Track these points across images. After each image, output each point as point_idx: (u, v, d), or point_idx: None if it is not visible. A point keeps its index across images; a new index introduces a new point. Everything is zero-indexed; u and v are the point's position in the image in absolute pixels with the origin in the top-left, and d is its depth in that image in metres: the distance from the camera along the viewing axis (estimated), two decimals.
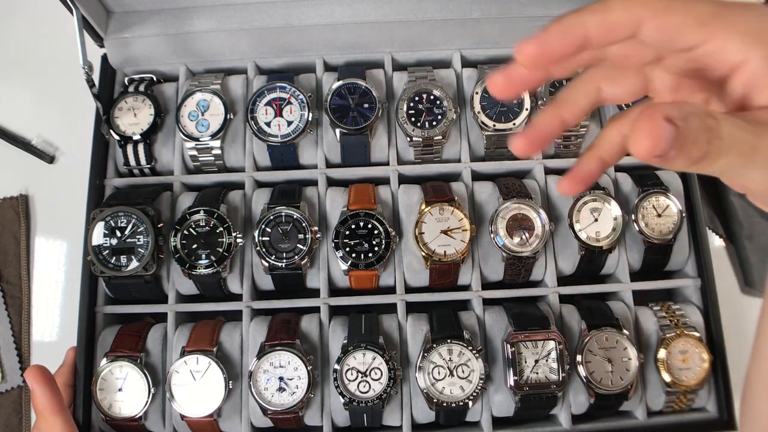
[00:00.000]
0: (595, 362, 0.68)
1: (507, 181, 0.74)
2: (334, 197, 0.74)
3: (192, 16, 0.78)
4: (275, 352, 0.66)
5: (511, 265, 0.71)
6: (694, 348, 0.69)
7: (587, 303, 0.73)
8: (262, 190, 0.75)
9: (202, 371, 0.67)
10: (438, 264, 0.70)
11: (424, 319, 0.71)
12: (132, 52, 0.79)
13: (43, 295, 0.82)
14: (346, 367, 0.66)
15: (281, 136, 0.74)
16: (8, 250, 0.82)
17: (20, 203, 0.83)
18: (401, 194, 0.74)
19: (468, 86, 0.78)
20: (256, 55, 0.79)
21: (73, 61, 0.69)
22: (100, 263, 0.68)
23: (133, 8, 0.78)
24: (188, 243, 0.69)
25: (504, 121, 0.75)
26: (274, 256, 0.69)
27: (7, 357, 0.79)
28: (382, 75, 0.79)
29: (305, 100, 0.74)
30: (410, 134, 0.74)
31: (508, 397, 0.69)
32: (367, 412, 0.66)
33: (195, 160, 0.76)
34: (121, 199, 0.71)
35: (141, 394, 0.67)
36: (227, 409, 0.68)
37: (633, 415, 0.72)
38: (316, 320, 0.71)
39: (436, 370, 0.67)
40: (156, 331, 0.71)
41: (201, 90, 0.76)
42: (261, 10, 0.78)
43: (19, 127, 0.87)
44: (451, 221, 0.71)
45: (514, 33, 0.79)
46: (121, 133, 0.75)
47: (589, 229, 0.72)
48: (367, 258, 0.69)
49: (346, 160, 0.77)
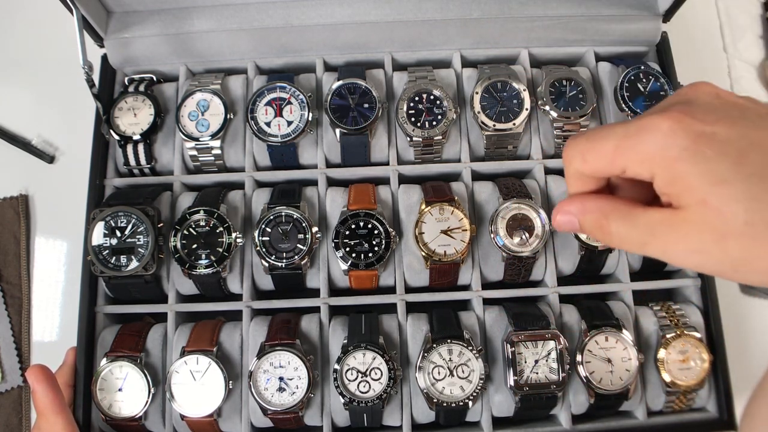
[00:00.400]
0: (595, 362, 0.68)
1: (507, 181, 0.74)
2: (334, 197, 0.74)
3: (192, 16, 0.78)
4: (275, 352, 0.66)
5: (511, 265, 0.71)
6: (694, 348, 0.69)
7: (587, 303, 0.73)
8: (262, 190, 0.75)
9: (202, 371, 0.67)
10: (438, 264, 0.70)
11: (424, 319, 0.71)
12: (132, 52, 0.79)
13: (43, 295, 0.82)
14: (346, 367, 0.66)
15: (281, 136, 0.74)
16: (8, 250, 0.82)
17: (20, 203, 0.83)
18: (401, 194, 0.74)
19: (468, 86, 0.78)
20: (256, 55, 0.79)
21: (73, 61, 0.69)
22: (100, 263, 0.68)
23: (133, 8, 0.78)
24: (188, 243, 0.69)
25: (504, 121, 0.75)
26: (274, 256, 0.69)
27: (7, 357, 0.79)
28: (382, 75, 0.79)
29: (305, 100, 0.74)
30: (410, 134, 0.74)
31: (508, 397, 0.69)
32: (367, 412, 0.66)
33: (195, 160, 0.76)
34: (121, 199, 0.71)
35: (141, 394, 0.67)
36: (227, 409, 0.68)
37: (633, 415, 0.72)
38: (316, 320, 0.71)
39: (436, 370, 0.67)
40: (156, 331, 0.71)
41: (201, 90, 0.76)
42: (261, 10, 0.78)
43: (19, 127, 0.87)
44: (451, 221, 0.71)
45: (514, 33, 0.79)
46: (121, 133, 0.75)
47: None
48: (367, 258, 0.69)
49: (346, 160, 0.77)
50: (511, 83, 0.76)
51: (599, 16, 0.79)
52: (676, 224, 0.29)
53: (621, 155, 0.30)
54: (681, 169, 0.28)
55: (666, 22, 0.80)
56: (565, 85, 0.76)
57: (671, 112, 0.29)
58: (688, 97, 0.31)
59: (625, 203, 0.32)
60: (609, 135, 0.31)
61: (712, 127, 0.28)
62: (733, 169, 0.27)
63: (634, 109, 0.75)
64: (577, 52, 0.81)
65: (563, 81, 0.77)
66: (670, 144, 0.28)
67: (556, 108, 0.75)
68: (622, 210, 0.32)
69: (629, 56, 0.81)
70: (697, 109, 0.29)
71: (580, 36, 0.80)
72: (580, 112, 0.75)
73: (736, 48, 0.95)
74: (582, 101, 0.76)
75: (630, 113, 0.75)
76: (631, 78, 0.76)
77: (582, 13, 0.79)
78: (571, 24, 0.79)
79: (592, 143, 0.32)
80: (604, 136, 0.31)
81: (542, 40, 0.80)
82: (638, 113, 0.74)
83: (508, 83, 0.76)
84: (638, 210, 0.31)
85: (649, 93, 0.76)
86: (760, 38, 0.96)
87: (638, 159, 0.30)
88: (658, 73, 0.76)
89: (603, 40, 0.80)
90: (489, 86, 0.76)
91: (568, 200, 0.35)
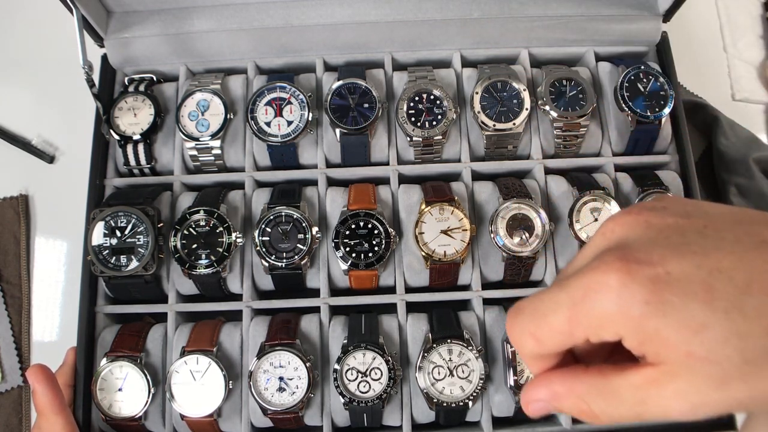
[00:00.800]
0: None
1: (507, 181, 0.74)
2: (334, 197, 0.74)
3: (192, 16, 0.78)
4: (275, 352, 0.66)
5: (511, 265, 0.71)
6: None
7: None
8: (262, 190, 0.75)
9: (202, 371, 0.67)
10: (438, 264, 0.70)
11: (424, 319, 0.71)
12: (132, 52, 0.79)
13: (43, 295, 0.82)
14: (346, 367, 0.66)
15: (281, 136, 0.74)
16: (8, 250, 0.82)
17: (20, 203, 0.83)
18: (401, 194, 0.74)
19: (468, 86, 0.78)
20: (256, 55, 0.79)
21: (73, 61, 0.69)
22: (100, 263, 0.68)
23: (133, 8, 0.78)
24: (188, 243, 0.69)
25: (504, 121, 0.75)
26: (274, 256, 0.69)
27: (7, 357, 0.79)
28: (382, 75, 0.79)
29: (305, 100, 0.74)
30: (410, 134, 0.74)
31: (508, 397, 0.69)
32: (367, 412, 0.66)
33: (195, 160, 0.76)
34: (121, 199, 0.71)
35: (141, 394, 0.67)
36: (227, 409, 0.68)
37: None
38: (316, 320, 0.71)
39: (436, 370, 0.67)
40: (156, 331, 0.71)
41: (201, 90, 0.76)
42: (261, 10, 0.78)
43: (19, 127, 0.87)
44: (451, 221, 0.71)
45: (514, 33, 0.79)
46: (121, 133, 0.75)
47: (589, 228, 0.71)
48: (367, 258, 0.69)
49: (346, 160, 0.77)
50: (511, 83, 0.76)
51: (599, 16, 0.80)
52: (666, 383, 0.25)
53: (577, 326, 0.26)
54: (651, 326, 0.24)
55: (666, 22, 0.80)
56: (565, 85, 0.76)
57: (611, 263, 0.25)
58: (617, 238, 0.27)
59: (598, 375, 0.27)
60: (556, 308, 0.27)
61: (663, 268, 0.24)
62: (707, 310, 0.24)
63: (634, 108, 0.75)
64: (577, 52, 0.81)
65: (563, 81, 0.77)
66: (627, 302, 0.24)
67: (556, 108, 0.75)
68: (597, 385, 0.27)
69: (629, 56, 0.81)
70: (635, 250, 0.26)
71: (580, 36, 0.80)
72: (580, 112, 0.75)
73: (736, 48, 0.95)
74: (582, 101, 0.76)
75: (630, 113, 0.75)
76: (631, 78, 0.76)
77: (582, 13, 0.79)
78: (571, 24, 0.79)
79: (540, 321, 0.28)
80: (552, 310, 0.27)
81: (542, 40, 0.80)
82: (638, 113, 0.74)
83: (508, 83, 0.76)
84: (615, 378, 0.27)
85: (649, 93, 0.76)
86: (760, 38, 0.96)
87: (598, 325, 0.26)
88: (658, 73, 0.76)
89: (603, 40, 0.80)
90: (489, 86, 0.76)
91: (534, 385, 0.30)
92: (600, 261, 0.26)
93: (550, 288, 0.28)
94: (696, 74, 0.90)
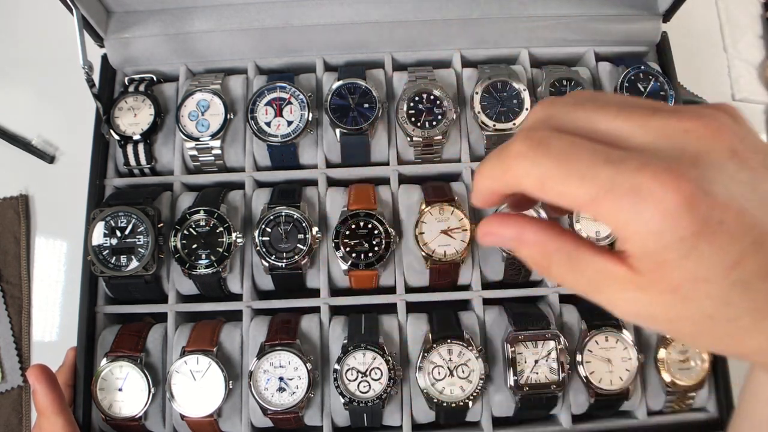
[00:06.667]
0: (595, 362, 0.68)
1: None
2: (334, 197, 0.74)
3: (192, 16, 0.78)
4: (275, 352, 0.66)
5: (511, 265, 0.71)
6: (694, 348, 0.69)
7: (587, 303, 0.72)
8: (262, 190, 0.75)
9: (202, 371, 0.67)
10: (438, 264, 0.70)
11: (424, 319, 0.71)
12: (132, 52, 0.79)
13: (43, 295, 0.82)
14: (346, 367, 0.66)
15: (281, 136, 0.74)
16: (8, 250, 0.82)
17: (20, 203, 0.83)
18: (401, 194, 0.74)
19: (468, 86, 0.78)
20: (256, 55, 0.79)
21: (73, 61, 0.69)
22: (100, 263, 0.68)
23: (133, 8, 0.78)
24: (188, 243, 0.69)
25: (504, 121, 0.75)
26: (274, 256, 0.69)
27: (7, 357, 0.79)
28: (382, 75, 0.79)
29: (305, 100, 0.74)
30: (410, 134, 0.74)
31: (508, 397, 0.69)
32: (367, 412, 0.66)
33: (195, 160, 0.76)
34: (121, 199, 0.71)
35: (141, 394, 0.67)
36: (227, 409, 0.68)
37: (633, 415, 0.72)
38: (316, 320, 0.71)
39: (436, 370, 0.67)
40: (156, 331, 0.71)
41: (201, 90, 0.76)
42: (261, 10, 0.78)
43: (19, 127, 0.87)
44: (451, 221, 0.71)
45: (514, 33, 0.79)
46: (121, 133, 0.75)
47: (589, 229, 0.72)
48: (367, 258, 0.69)
49: (346, 160, 0.77)
50: (511, 83, 0.76)
51: (599, 16, 0.80)
52: (632, 289, 0.24)
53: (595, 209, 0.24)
54: (664, 257, 0.23)
55: (666, 22, 0.80)
56: (566, 85, 0.76)
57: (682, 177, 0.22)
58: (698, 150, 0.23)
59: (573, 243, 0.26)
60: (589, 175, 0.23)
61: (721, 213, 0.22)
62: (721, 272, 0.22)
63: None
64: (577, 52, 0.81)
65: (563, 81, 0.77)
66: (667, 228, 0.22)
67: None
68: (568, 251, 0.26)
69: (629, 56, 0.81)
70: (710, 177, 0.22)
71: (580, 36, 0.80)
72: None
73: (736, 48, 0.95)
74: None
75: None
76: (631, 78, 0.76)
77: (582, 13, 0.79)
78: (571, 24, 0.79)
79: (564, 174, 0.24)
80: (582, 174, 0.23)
81: (542, 40, 0.80)
82: None
83: (508, 83, 0.76)
84: (586, 254, 0.26)
85: (649, 93, 0.76)
86: (760, 38, 0.96)
87: (614, 226, 0.24)
88: (658, 73, 0.76)
89: (603, 40, 0.80)
90: (489, 86, 0.76)
91: (504, 221, 0.28)
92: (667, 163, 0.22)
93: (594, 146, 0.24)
94: (696, 74, 0.90)
